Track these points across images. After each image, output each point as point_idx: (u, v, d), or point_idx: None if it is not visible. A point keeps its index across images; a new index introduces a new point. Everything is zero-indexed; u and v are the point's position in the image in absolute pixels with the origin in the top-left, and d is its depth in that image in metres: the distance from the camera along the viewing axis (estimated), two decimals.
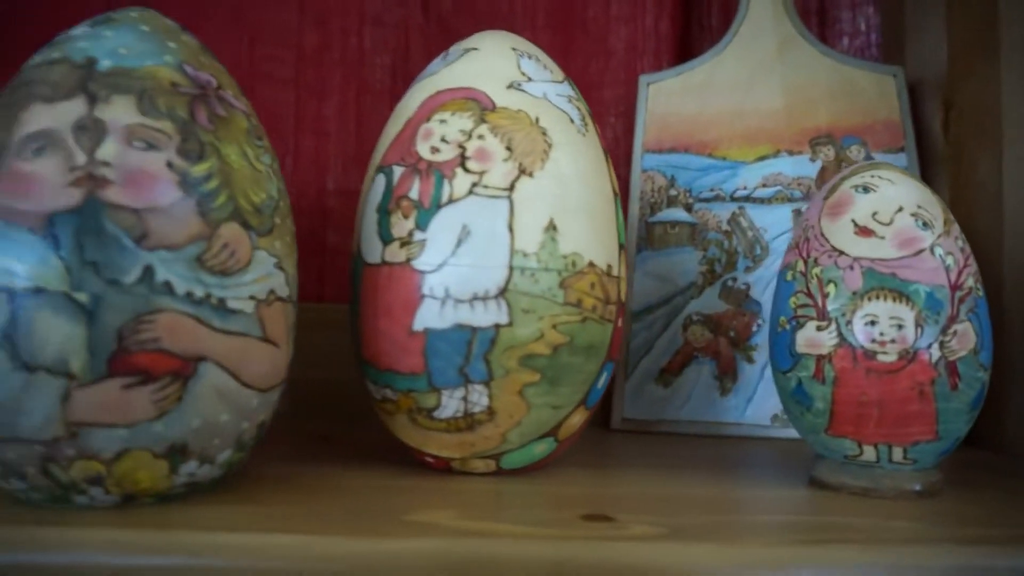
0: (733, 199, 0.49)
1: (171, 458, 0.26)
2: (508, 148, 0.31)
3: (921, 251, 0.30)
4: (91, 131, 0.24)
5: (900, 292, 0.30)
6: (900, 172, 0.33)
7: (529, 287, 0.30)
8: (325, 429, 0.44)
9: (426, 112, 0.32)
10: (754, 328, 0.47)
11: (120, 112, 0.25)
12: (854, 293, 0.30)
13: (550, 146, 0.32)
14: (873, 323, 0.30)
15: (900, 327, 0.29)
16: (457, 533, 0.25)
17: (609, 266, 0.33)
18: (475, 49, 0.34)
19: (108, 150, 0.24)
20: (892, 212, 0.31)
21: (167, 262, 0.24)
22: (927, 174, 0.48)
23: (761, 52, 0.50)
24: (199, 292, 0.25)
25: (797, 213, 0.48)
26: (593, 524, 0.26)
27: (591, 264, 0.32)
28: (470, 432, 0.31)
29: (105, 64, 0.26)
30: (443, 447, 0.32)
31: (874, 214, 0.31)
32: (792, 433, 0.45)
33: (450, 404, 0.31)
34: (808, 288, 0.31)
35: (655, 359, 0.48)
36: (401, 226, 0.31)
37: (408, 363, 0.31)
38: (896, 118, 0.48)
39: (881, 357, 0.29)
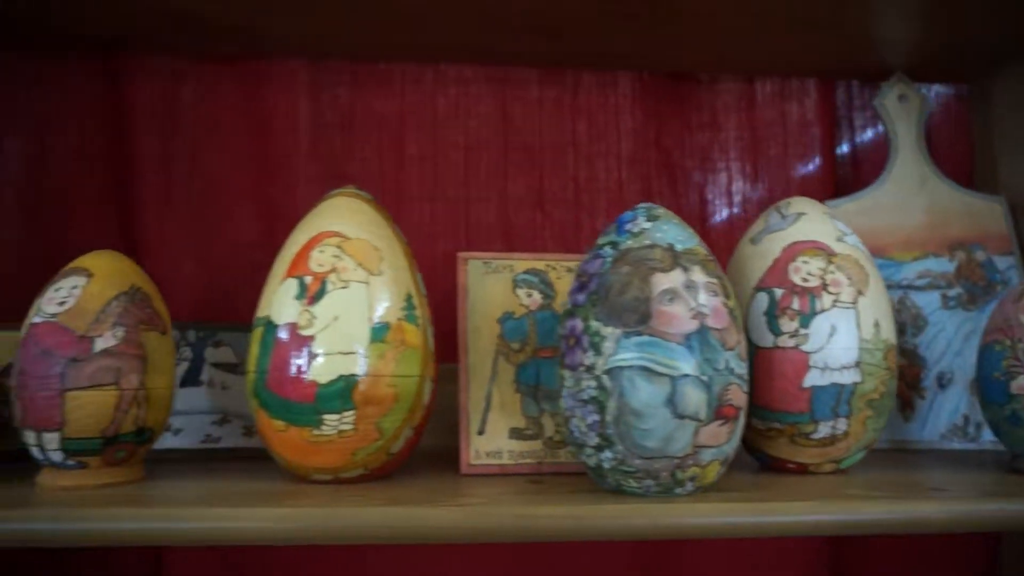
0: (899, 287, 0.71)
1: (723, 463, 0.46)
2: (849, 278, 0.53)
3: None
4: (692, 288, 0.45)
5: None
6: None
7: (869, 359, 0.52)
8: None
9: (789, 256, 0.54)
10: (922, 375, 0.70)
11: (698, 275, 0.46)
12: None
13: (867, 275, 0.54)
14: None
15: None
16: (851, 498, 0.46)
17: (896, 343, 0.54)
18: (804, 214, 0.56)
19: (702, 298, 0.45)
20: None
21: (730, 356, 0.45)
22: None
23: (908, 185, 0.74)
24: (740, 370, 0.46)
25: (944, 297, 0.71)
26: (919, 488, 0.47)
27: (891, 344, 0.53)
28: (831, 447, 0.52)
29: (677, 247, 0.47)
30: (808, 457, 0.53)
31: None
32: (952, 444, 0.67)
33: (823, 429, 0.52)
34: (1016, 355, 0.54)
35: None
36: (788, 325, 0.52)
37: (797, 407, 0.52)
38: (1004, 231, 0.72)
39: None
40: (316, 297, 0.48)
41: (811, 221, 0.56)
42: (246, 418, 0.62)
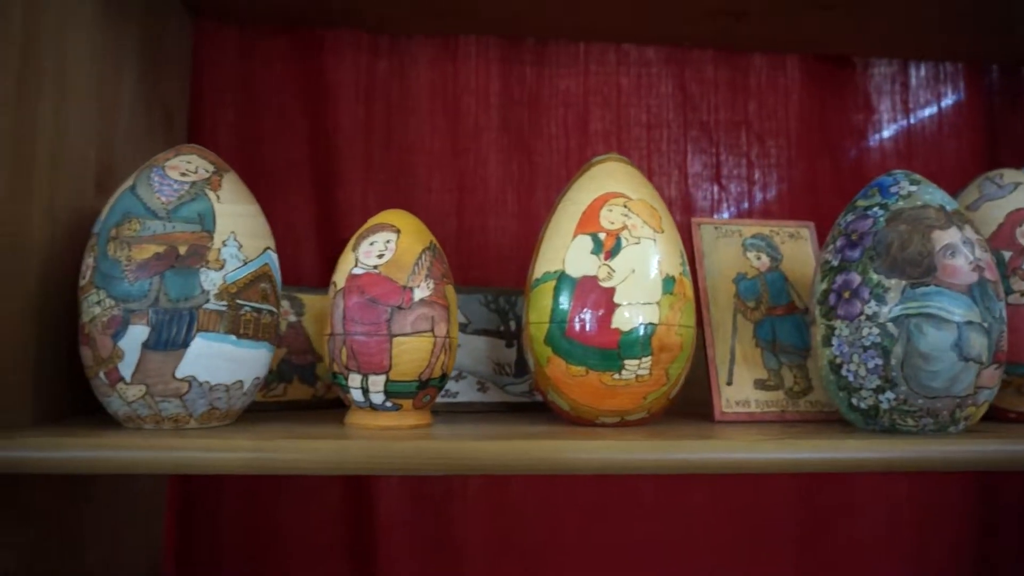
0: None
1: (988, 405, 0.51)
2: None
3: None
4: (968, 243, 0.49)
5: None
6: None
7: None
8: None
9: (1015, 220, 0.58)
10: None
11: (970, 233, 0.50)
12: None
13: None
14: None
15: None
16: None
17: None
18: (1021, 183, 0.60)
19: (977, 252, 0.49)
20: None
21: (1001, 306, 0.50)
22: None
23: None
24: (1005, 319, 0.50)
25: None
26: None
27: None
28: None
29: (947, 208, 0.51)
30: None
31: None
32: None
33: None
34: None
35: None
36: (1020, 284, 0.57)
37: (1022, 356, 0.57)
38: None
39: None
40: (612, 252, 0.52)
41: None
42: (478, 374, 0.66)
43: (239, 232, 0.49)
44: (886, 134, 0.84)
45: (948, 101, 0.85)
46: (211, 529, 0.74)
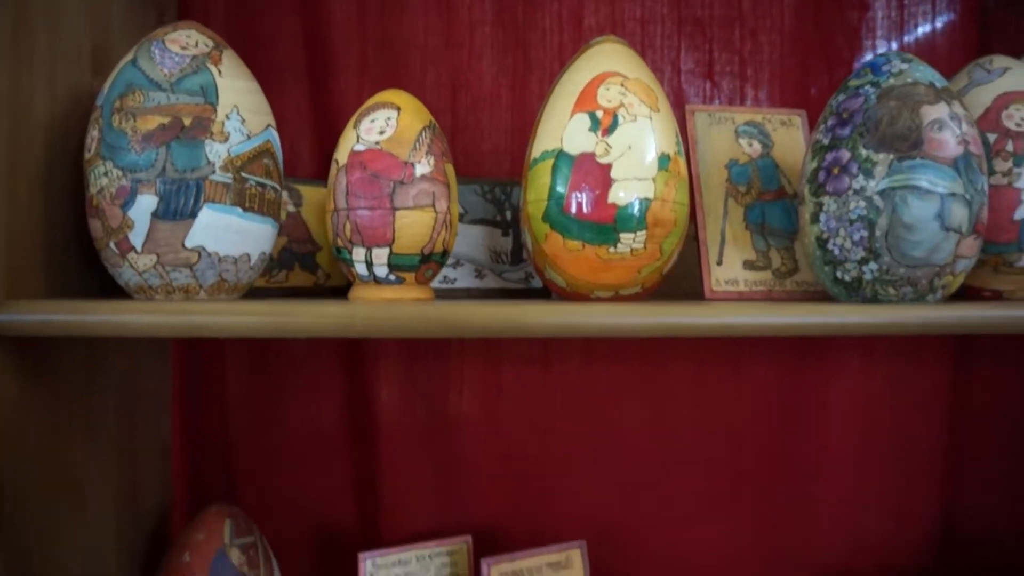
0: None
1: (964, 276, 0.53)
2: None
3: None
4: (956, 118, 0.51)
5: None
6: None
7: None
8: None
9: (1001, 104, 0.60)
10: None
11: (958, 108, 0.51)
12: None
13: None
14: None
15: None
16: None
17: None
18: (1009, 68, 0.61)
19: (964, 127, 0.51)
20: None
21: (984, 180, 0.51)
22: None
23: None
24: (986, 192, 0.52)
25: None
26: None
27: None
28: None
29: (937, 84, 0.52)
30: (1007, 284, 0.60)
31: None
32: None
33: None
34: None
35: None
36: (1002, 165, 0.58)
37: (1006, 237, 0.59)
38: None
39: None
40: (609, 129, 0.53)
41: (1017, 75, 0.61)
42: (476, 262, 0.68)
43: (241, 107, 0.50)
44: (880, 31, 0.84)
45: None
46: (216, 420, 0.77)
